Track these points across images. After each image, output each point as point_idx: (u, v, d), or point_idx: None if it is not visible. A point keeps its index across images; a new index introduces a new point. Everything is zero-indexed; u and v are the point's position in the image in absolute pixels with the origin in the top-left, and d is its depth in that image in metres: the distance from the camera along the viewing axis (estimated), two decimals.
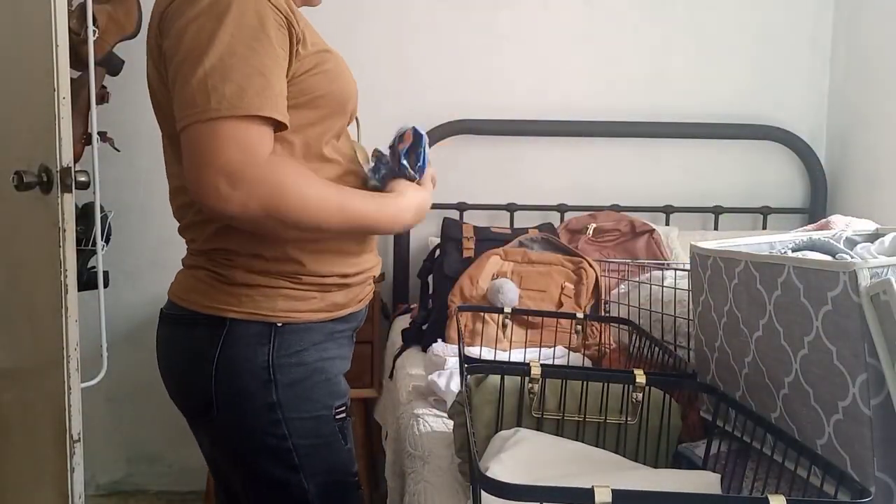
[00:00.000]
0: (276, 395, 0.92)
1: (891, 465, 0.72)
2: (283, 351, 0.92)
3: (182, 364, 0.97)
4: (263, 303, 0.92)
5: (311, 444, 0.95)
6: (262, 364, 0.91)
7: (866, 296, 0.70)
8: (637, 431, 0.97)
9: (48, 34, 1.37)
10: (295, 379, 0.93)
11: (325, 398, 0.97)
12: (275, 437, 0.93)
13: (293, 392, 0.93)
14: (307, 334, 0.95)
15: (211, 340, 0.92)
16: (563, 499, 0.62)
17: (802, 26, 2.30)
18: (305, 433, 0.95)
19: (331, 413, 0.97)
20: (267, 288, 0.92)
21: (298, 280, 0.93)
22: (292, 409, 0.93)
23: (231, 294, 0.92)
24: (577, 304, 1.71)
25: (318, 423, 0.96)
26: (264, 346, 0.92)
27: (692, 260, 1.05)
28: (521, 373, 0.96)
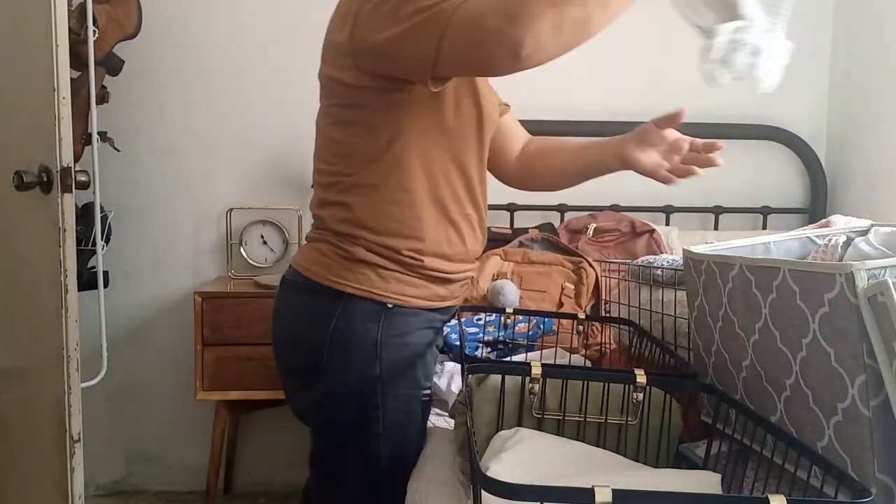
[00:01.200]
0: (380, 370, 1.02)
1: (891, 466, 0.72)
2: (391, 331, 1.02)
3: (300, 327, 1.06)
4: (379, 283, 1.02)
5: (397, 418, 1.05)
6: (372, 340, 1.01)
7: (864, 297, 0.70)
8: (638, 431, 0.97)
9: (48, 34, 1.37)
10: (398, 358, 1.03)
11: (419, 379, 1.07)
12: (370, 406, 1.03)
13: (394, 370, 1.03)
14: (413, 318, 1.05)
15: (330, 310, 1.02)
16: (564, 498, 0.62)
17: (802, 26, 2.29)
18: (396, 407, 1.04)
19: (419, 393, 1.07)
20: (383, 269, 1.02)
21: (411, 268, 1.03)
22: (391, 384, 1.03)
23: (351, 270, 1.02)
24: (577, 305, 1.71)
25: (407, 401, 1.06)
26: (375, 324, 1.02)
27: (686, 264, 1.05)
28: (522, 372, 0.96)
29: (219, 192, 2.24)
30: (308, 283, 1.04)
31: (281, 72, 2.21)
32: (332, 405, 1.05)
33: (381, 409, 1.03)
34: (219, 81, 2.20)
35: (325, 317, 1.01)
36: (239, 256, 2.22)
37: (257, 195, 2.24)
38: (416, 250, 1.02)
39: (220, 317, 1.95)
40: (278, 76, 2.21)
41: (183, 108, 2.21)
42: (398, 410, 1.05)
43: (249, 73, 2.20)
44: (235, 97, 2.21)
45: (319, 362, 1.02)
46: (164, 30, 2.15)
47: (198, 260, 2.26)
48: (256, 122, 2.22)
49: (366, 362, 1.02)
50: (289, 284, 1.09)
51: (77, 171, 1.44)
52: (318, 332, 1.02)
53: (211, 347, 1.95)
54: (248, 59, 2.20)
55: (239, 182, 2.24)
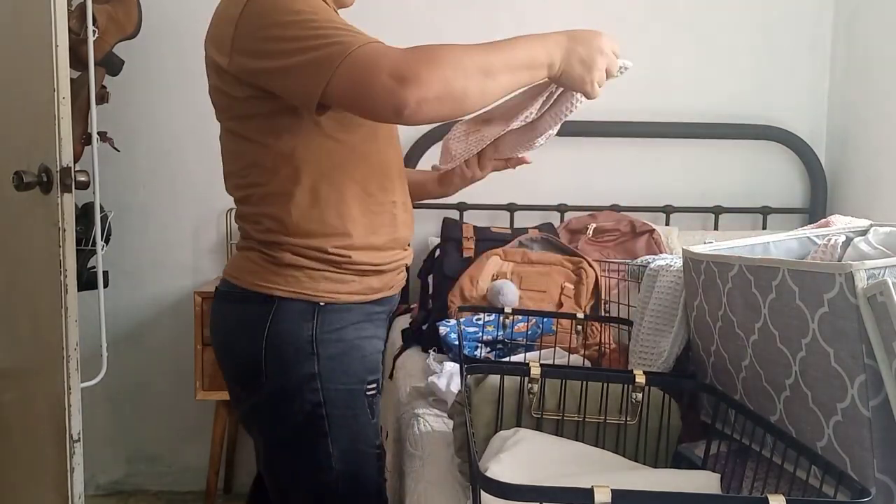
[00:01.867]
0: (318, 367, 1.02)
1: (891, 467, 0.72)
2: (325, 327, 1.02)
3: (235, 335, 1.06)
4: (308, 283, 1.02)
5: (342, 414, 1.04)
6: (307, 338, 1.01)
7: (863, 297, 0.70)
8: (637, 431, 0.97)
9: (48, 34, 1.37)
10: (334, 353, 1.03)
11: (359, 373, 1.06)
12: (311, 404, 1.02)
13: (332, 365, 1.03)
14: (347, 314, 1.04)
15: (262, 315, 1.02)
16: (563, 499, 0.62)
17: (802, 26, 2.30)
18: (339, 403, 1.04)
19: (363, 387, 1.06)
20: (312, 270, 1.02)
21: (339, 265, 1.03)
22: (330, 380, 1.02)
23: (280, 275, 1.02)
24: (577, 305, 1.71)
25: (350, 395, 1.05)
26: (308, 323, 1.02)
27: (685, 264, 1.05)
28: (521, 373, 0.96)
29: (219, 192, 2.21)
30: (238, 291, 1.04)
31: None
32: (276, 408, 1.05)
33: (324, 407, 1.03)
34: None
35: (259, 322, 1.02)
36: None
37: None
38: (343, 247, 1.02)
39: None
40: None
41: (183, 108, 2.21)
42: (343, 406, 1.04)
43: None
44: None
45: (258, 368, 1.02)
46: (164, 30, 2.15)
47: (198, 260, 2.26)
48: None
49: (303, 361, 1.01)
50: (221, 295, 1.09)
51: (77, 171, 1.44)
52: (253, 338, 1.02)
53: (211, 347, 1.95)
54: None
55: None
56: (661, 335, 1.12)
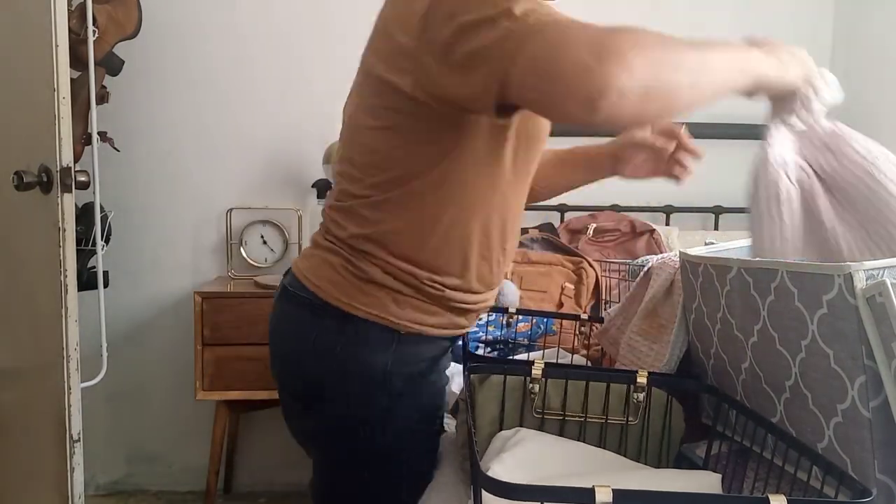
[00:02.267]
0: (388, 401, 0.93)
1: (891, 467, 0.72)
2: (402, 359, 0.93)
3: (301, 347, 0.95)
4: (393, 308, 0.92)
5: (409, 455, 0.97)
6: (380, 368, 0.92)
7: (862, 298, 0.70)
8: (639, 432, 0.97)
9: (48, 34, 1.37)
10: (408, 389, 0.94)
11: (430, 409, 0.99)
12: (376, 443, 0.94)
13: (404, 401, 0.94)
14: (427, 347, 0.96)
15: (337, 334, 0.92)
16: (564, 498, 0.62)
17: (802, 26, 2.30)
18: (407, 443, 0.96)
19: (432, 427, 1.00)
20: (398, 294, 0.92)
21: (431, 296, 0.93)
22: (400, 416, 0.94)
23: (364, 292, 0.92)
24: (577, 305, 1.71)
25: (418, 434, 0.98)
26: (385, 352, 0.92)
27: (682, 267, 1.05)
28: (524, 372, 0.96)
29: (219, 192, 2.24)
30: (314, 299, 0.93)
31: (281, 71, 2.21)
32: (338, 439, 0.96)
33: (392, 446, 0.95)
34: (219, 81, 2.20)
35: (330, 339, 0.92)
36: (239, 256, 2.22)
37: (257, 195, 2.24)
38: (441, 283, 0.92)
39: (220, 317, 1.95)
40: (278, 76, 2.21)
41: (183, 108, 2.21)
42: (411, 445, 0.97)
43: (249, 73, 2.20)
44: (235, 97, 2.21)
45: (322, 389, 0.94)
46: (164, 30, 2.15)
47: (198, 260, 2.26)
48: (256, 122, 2.22)
49: (374, 393, 0.92)
50: (291, 296, 0.97)
51: (77, 171, 1.44)
52: (323, 355, 0.92)
53: (211, 347, 1.95)
54: (248, 59, 2.20)
55: (239, 182, 2.24)
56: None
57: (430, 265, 0.91)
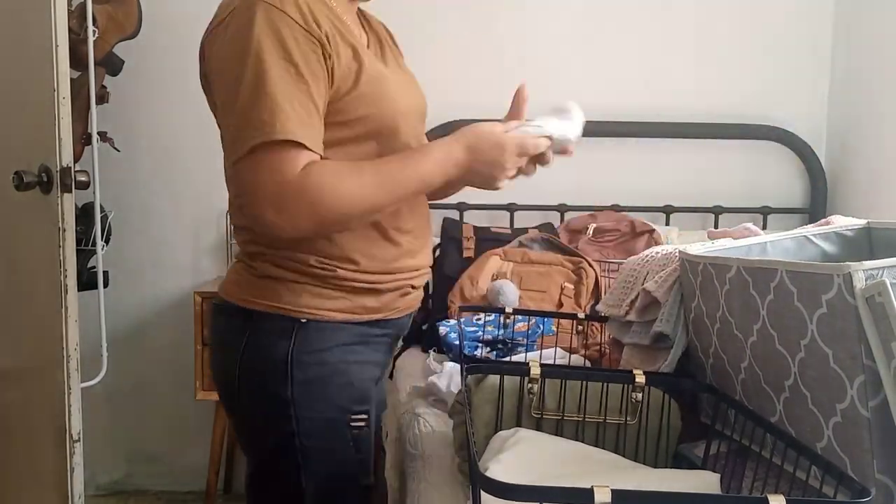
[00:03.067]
0: (291, 392, 0.93)
1: (890, 467, 0.72)
2: (304, 347, 0.93)
3: (218, 351, 1.02)
4: (287, 297, 0.94)
5: (318, 447, 0.95)
6: (282, 358, 0.93)
7: (861, 298, 0.70)
8: (637, 431, 0.97)
9: (48, 34, 1.37)
10: (312, 377, 0.94)
11: (342, 401, 0.96)
12: (283, 433, 0.94)
13: (308, 390, 0.94)
14: (333, 333, 0.95)
15: (241, 331, 0.96)
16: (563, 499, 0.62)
17: (802, 26, 2.30)
18: (314, 433, 0.95)
19: (345, 417, 0.96)
20: (293, 283, 0.94)
21: (325, 279, 0.94)
22: (305, 407, 0.94)
23: (259, 287, 0.96)
24: (577, 304, 1.71)
25: (328, 426, 0.96)
26: (285, 341, 0.93)
27: (682, 266, 1.05)
28: (521, 373, 0.96)
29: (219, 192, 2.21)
30: (225, 305, 1.00)
31: None
32: (249, 431, 0.99)
33: (297, 437, 0.94)
34: None
35: (237, 338, 0.95)
36: None
37: None
38: (332, 265, 0.94)
39: None
40: None
41: (183, 108, 2.21)
42: (320, 438, 0.95)
43: None
44: None
45: (233, 385, 0.96)
46: (164, 30, 2.14)
47: (198, 260, 2.26)
48: None
49: (275, 383, 0.93)
50: (214, 309, 1.05)
51: (77, 171, 1.44)
52: (231, 354, 0.96)
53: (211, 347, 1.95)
54: None
55: None
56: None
57: (313, 249, 0.94)
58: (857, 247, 1.06)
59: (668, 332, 1.05)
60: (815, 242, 1.06)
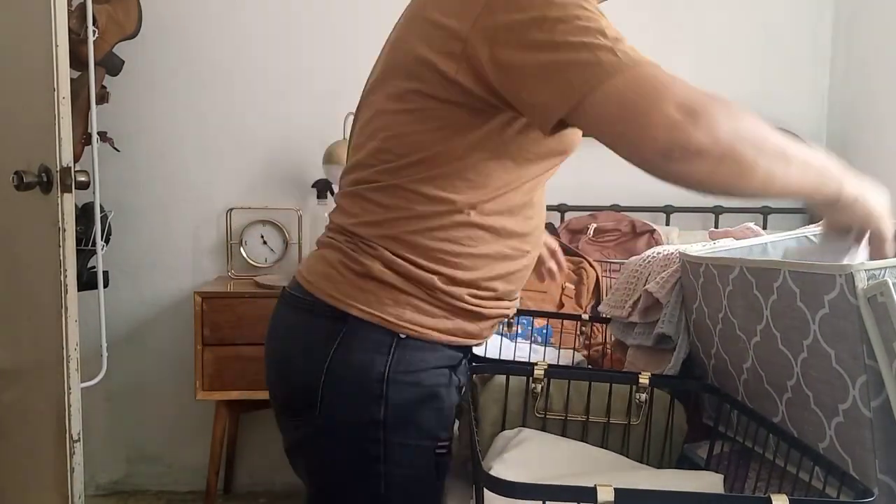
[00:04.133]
0: (384, 413, 0.84)
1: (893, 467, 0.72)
2: (401, 366, 0.84)
3: (293, 351, 0.89)
4: (391, 307, 0.84)
5: (404, 474, 0.87)
6: (377, 375, 0.84)
7: (863, 298, 0.70)
8: (641, 432, 0.97)
9: (48, 34, 1.37)
10: (407, 400, 0.85)
11: (433, 428, 0.88)
12: (368, 458, 0.86)
13: (402, 413, 0.85)
14: (430, 354, 0.86)
15: (329, 334, 0.85)
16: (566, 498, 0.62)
17: (802, 26, 2.30)
18: (402, 461, 0.86)
19: (434, 445, 0.89)
20: (399, 292, 0.84)
21: (433, 294, 0.85)
22: (396, 431, 0.85)
23: (360, 288, 0.84)
24: (577, 305, 1.71)
25: (418, 453, 0.88)
26: (383, 356, 0.84)
27: (682, 267, 1.05)
28: (526, 373, 0.96)
29: (219, 192, 2.23)
30: (307, 298, 0.87)
31: (281, 71, 2.21)
32: (325, 450, 0.88)
33: (382, 463, 0.85)
34: (219, 81, 2.20)
35: (323, 341, 0.84)
36: (239, 256, 2.22)
37: (257, 195, 2.24)
38: (449, 279, 0.85)
39: (220, 317, 1.95)
40: (278, 76, 2.21)
41: (183, 108, 2.21)
42: (406, 465, 0.86)
43: (249, 73, 2.20)
44: (235, 97, 2.21)
45: (312, 395, 0.85)
46: (164, 30, 2.14)
47: (198, 260, 2.26)
48: (256, 122, 2.22)
49: (367, 402, 0.84)
50: (287, 299, 0.92)
51: (77, 171, 1.43)
52: (314, 358, 0.85)
53: (211, 347, 1.95)
54: (248, 59, 2.20)
55: (239, 182, 2.24)
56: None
57: (434, 256, 0.84)
58: None
59: (671, 334, 1.05)
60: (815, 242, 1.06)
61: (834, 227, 0.84)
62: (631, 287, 1.18)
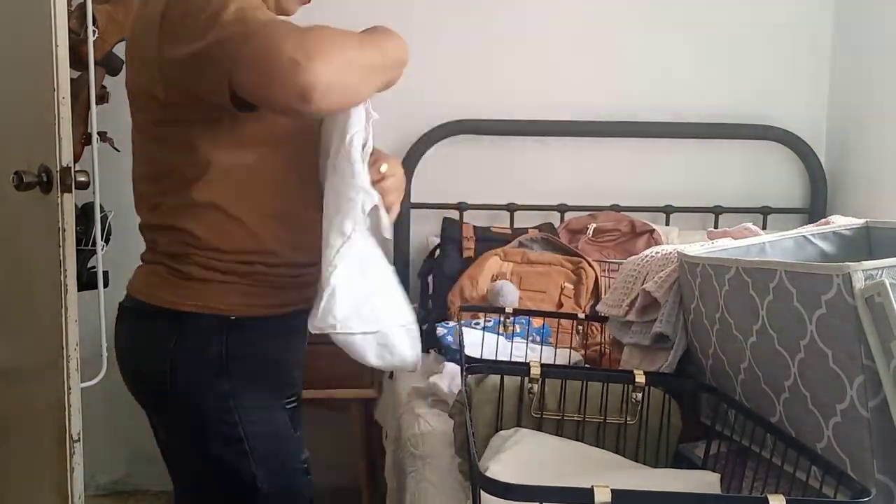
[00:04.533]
0: (230, 385, 0.96)
1: (890, 467, 0.72)
2: (237, 342, 0.97)
3: (140, 356, 1.01)
4: (217, 297, 0.96)
5: (261, 432, 0.99)
6: (217, 354, 0.96)
7: (860, 298, 0.70)
8: (637, 431, 0.97)
9: (48, 34, 1.37)
10: (249, 369, 0.98)
11: (277, 388, 1.03)
12: (227, 424, 0.97)
13: (246, 382, 0.98)
14: (263, 327, 0.99)
15: (169, 332, 0.96)
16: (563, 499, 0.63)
17: (802, 26, 2.30)
18: (256, 420, 0.99)
19: (281, 402, 1.03)
20: (221, 283, 0.96)
21: (252, 276, 0.97)
22: (245, 397, 0.98)
23: (187, 288, 0.96)
24: (577, 304, 1.71)
25: (269, 412, 1.01)
26: (219, 338, 0.96)
27: (681, 267, 1.05)
28: (521, 373, 0.96)
29: None
30: (144, 306, 0.99)
31: None
32: (188, 433, 1.00)
33: (240, 426, 0.97)
34: None
35: (164, 339, 0.96)
36: None
37: None
38: (261, 263, 0.97)
39: None
40: None
41: None
42: (261, 423, 0.99)
43: None
44: None
45: (164, 390, 0.97)
46: None
47: None
48: None
49: (213, 379, 0.96)
50: (125, 312, 1.04)
51: (77, 171, 1.44)
52: (159, 357, 0.97)
53: None
54: None
55: None
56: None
57: (241, 249, 0.96)
58: (855, 247, 1.06)
59: (668, 333, 1.05)
60: (813, 242, 1.06)
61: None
62: (629, 286, 1.18)
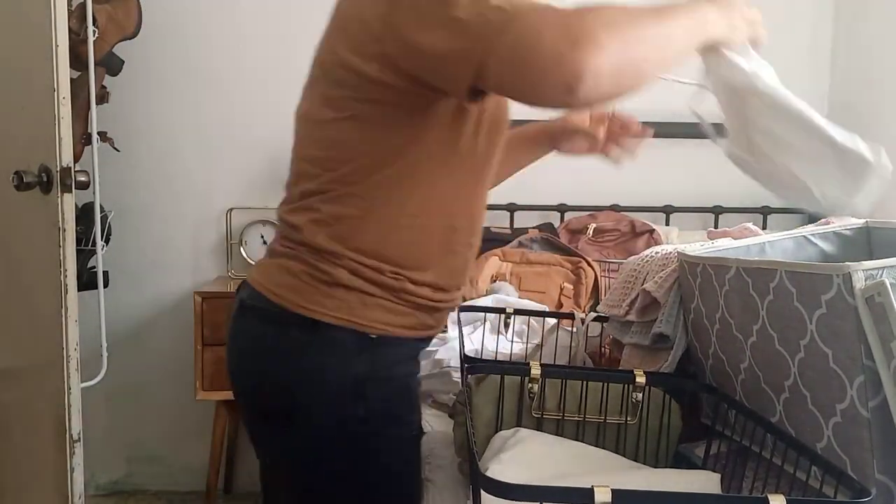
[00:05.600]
0: (365, 410, 0.88)
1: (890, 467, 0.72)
2: (376, 364, 0.88)
3: (265, 362, 0.90)
4: (360, 310, 0.87)
5: (393, 466, 0.92)
6: (355, 377, 0.87)
7: (861, 298, 0.70)
8: (637, 431, 0.97)
9: (48, 34, 1.37)
10: (385, 395, 0.89)
11: (408, 415, 0.94)
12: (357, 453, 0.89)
13: (382, 409, 0.89)
14: (399, 350, 0.91)
15: (302, 343, 0.87)
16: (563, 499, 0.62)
17: (802, 26, 2.30)
18: (390, 451, 0.91)
19: (411, 430, 0.94)
20: (367, 295, 0.87)
21: (397, 292, 0.89)
22: (379, 425, 0.89)
23: (329, 295, 0.87)
24: (576, 305, 1.71)
25: (402, 443, 0.93)
26: (358, 357, 0.87)
27: (680, 267, 1.05)
28: (521, 372, 0.96)
29: (219, 192, 2.24)
30: (275, 309, 0.88)
31: (281, 71, 2.21)
32: (312, 455, 0.90)
33: (372, 456, 0.89)
34: (219, 81, 2.20)
35: (297, 350, 0.87)
36: (239, 256, 2.22)
37: (257, 195, 2.24)
38: (410, 279, 0.89)
39: (220, 317, 1.95)
40: (278, 76, 2.21)
41: (183, 108, 2.21)
42: (392, 454, 0.91)
43: (249, 73, 2.20)
44: (235, 97, 2.21)
45: (291, 404, 0.88)
46: (164, 30, 2.15)
47: (198, 260, 2.26)
48: (256, 122, 2.22)
49: (347, 402, 0.87)
50: (249, 310, 0.93)
51: (77, 171, 1.44)
52: (289, 368, 0.87)
53: (211, 347, 1.95)
54: (248, 59, 2.20)
55: (239, 182, 2.24)
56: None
57: (397, 260, 0.87)
58: (855, 246, 1.06)
59: (669, 333, 1.05)
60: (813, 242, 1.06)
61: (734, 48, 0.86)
62: (629, 286, 1.18)
